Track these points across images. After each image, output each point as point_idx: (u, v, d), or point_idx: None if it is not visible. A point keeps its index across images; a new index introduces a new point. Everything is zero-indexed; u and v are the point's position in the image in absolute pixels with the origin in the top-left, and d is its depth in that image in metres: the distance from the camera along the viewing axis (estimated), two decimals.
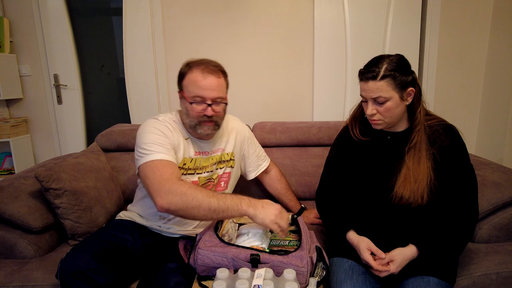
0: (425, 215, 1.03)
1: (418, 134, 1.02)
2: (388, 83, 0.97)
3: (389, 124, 1.05)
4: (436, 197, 1.02)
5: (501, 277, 1.06)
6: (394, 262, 0.96)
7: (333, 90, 2.49)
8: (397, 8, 2.37)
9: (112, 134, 1.75)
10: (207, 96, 1.12)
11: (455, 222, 0.99)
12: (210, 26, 2.40)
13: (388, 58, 0.99)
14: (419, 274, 0.98)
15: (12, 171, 2.49)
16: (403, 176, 1.02)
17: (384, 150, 1.10)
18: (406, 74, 0.99)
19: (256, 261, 0.95)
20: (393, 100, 0.99)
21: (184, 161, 1.19)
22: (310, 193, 1.70)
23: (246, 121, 1.52)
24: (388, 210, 1.05)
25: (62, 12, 2.48)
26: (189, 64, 1.16)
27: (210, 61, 1.17)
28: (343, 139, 1.19)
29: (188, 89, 1.14)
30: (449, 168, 1.02)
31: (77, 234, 1.28)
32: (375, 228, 1.06)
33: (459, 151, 1.04)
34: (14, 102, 2.58)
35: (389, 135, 1.10)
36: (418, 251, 0.97)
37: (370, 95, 0.99)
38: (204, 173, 1.25)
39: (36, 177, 1.22)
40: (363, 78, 1.00)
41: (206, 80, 1.11)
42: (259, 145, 1.52)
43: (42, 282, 1.09)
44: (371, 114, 1.02)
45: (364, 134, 1.13)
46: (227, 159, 1.32)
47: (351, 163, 1.14)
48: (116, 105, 2.81)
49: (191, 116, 1.15)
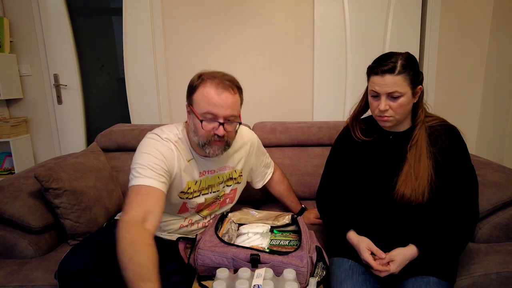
0: (426, 214, 1.03)
1: (419, 132, 1.03)
2: (405, 78, 0.97)
3: (398, 121, 1.05)
4: (437, 196, 1.02)
5: (501, 277, 1.06)
6: (394, 262, 0.96)
7: (333, 90, 2.49)
8: (397, 8, 2.37)
9: (112, 134, 1.75)
10: (220, 114, 1.01)
11: (456, 223, 0.99)
12: (210, 26, 2.40)
13: (401, 55, 1.00)
14: (419, 274, 0.98)
15: (12, 171, 2.49)
16: (404, 174, 1.03)
17: (386, 150, 1.09)
18: (418, 71, 1.01)
19: (256, 261, 0.95)
20: (406, 96, 0.99)
21: (188, 185, 1.12)
22: (310, 193, 1.70)
23: (246, 121, 1.51)
24: (389, 208, 1.05)
25: (62, 12, 2.48)
26: (201, 76, 1.05)
27: (225, 75, 1.06)
28: (344, 139, 1.19)
29: (199, 104, 1.03)
30: (450, 168, 1.02)
31: (77, 234, 1.28)
32: (376, 227, 1.06)
33: (460, 151, 1.03)
34: (14, 102, 2.58)
35: (391, 135, 1.10)
36: (418, 251, 0.97)
37: (386, 89, 0.98)
38: (210, 193, 1.20)
39: (36, 177, 1.22)
40: (379, 72, 0.99)
41: (220, 96, 1.01)
42: (266, 152, 1.45)
43: (42, 282, 1.09)
44: (384, 109, 1.00)
45: (366, 134, 1.13)
46: (235, 177, 1.26)
47: (353, 163, 1.13)
48: (116, 105, 2.81)
49: (200, 135, 1.05)
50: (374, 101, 1.04)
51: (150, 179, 0.98)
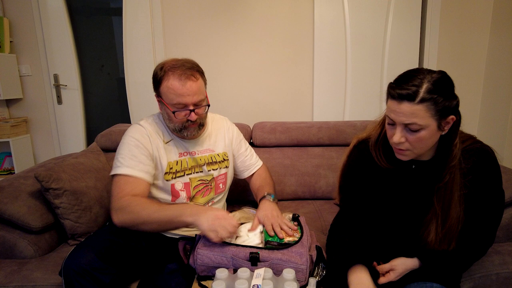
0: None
1: (451, 172, 0.85)
2: (428, 108, 0.77)
3: (417, 155, 0.88)
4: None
5: (502, 278, 1.06)
6: (395, 271, 0.92)
7: (333, 90, 2.49)
8: (397, 8, 2.37)
9: (112, 134, 1.75)
10: (189, 102, 1.10)
11: (469, 247, 0.91)
12: (210, 26, 2.40)
13: (430, 75, 0.79)
14: (421, 280, 0.94)
15: (12, 171, 2.49)
16: (428, 221, 0.89)
17: (408, 182, 0.94)
18: (450, 98, 0.79)
19: (255, 259, 0.95)
20: (429, 129, 0.80)
21: (169, 165, 1.18)
22: (310, 193, 1.70)
23: (246, 121, 1.52)
24: (405, 248, 0.95)
25: (62, 12, 2.48)
26: (163, 68, 1.11)
27: (186, 62, 1.12)
28: (359, 163, 1.00)
29: (168, 96, 1.10)
30: (477, 194, 0.88)
31: (77, 234, 1.28)
32: (382, 250, 0.99)
33: (491, 178, 0.88)
34: (14, 102, 2.58)
35: (414, 164, 0.93)
36: (421, 264, 0.92)
37: (402, 119, 0.79)
38: (193, 174, 1.23)
39: (36, 177, 1.22)
40: (396, 96, 0.79)
41: (185, 86, 1.08)
42: (249, 145, 1.46)
43: (42, 282, 1.09)
44: (399, 142, 0.83)
45: (388, 160, 0.94)
46: (219, 160, 1.30)
47: (370, 192, 0.98)
48: (116, 105, 2.81)
49: (175, 122, 1.14)
50: (389, 129, 0.86)
51: (129, 169, 1.09)
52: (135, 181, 1.09)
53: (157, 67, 1.13)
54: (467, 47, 2.40)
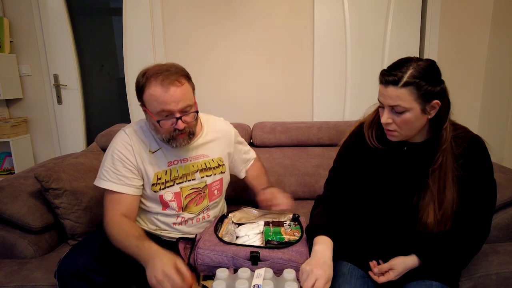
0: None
1: (444, 155, 0.91)
2: (410, 92, 0.85)
3: (406, 137, 0.95)
4: (456, 217, 0.94)
5: (502, 278, 1.06)
6: (395, 270, 0.93)
7: (333, 90, 2.49)
8: (397, 8, 2.37)
9: (112, 134, 1.74)
10: (174, 109, 1.01)
11: (464, 237, 0.93)
12: (210, 26, 2.40)
13: (416, 63, 0.87)
14: (421, 278, 0.94)
15: (12, 171, 2.49)
16: (426, 204, 0.93)
17: (401, 163, 0.98)
18: (434, 84, 0.87)
19: (256, 258, 0.95)
20: (413, 111, 0.87)
21: (157, 176, 1.12)
22: (310, 193, 1.70)
23: (246, 121, 1.51)
24: (401, 230, 0.98)
25: (62, 12, 2.48)
26: (145, 74, 1.04)
27: (170, 67, 1.04)
28: (355, 142, 1.06)
29: (151, 104, 1.02)
30: (470, 181, 0.93)
31: (77, 234, 1.28)
32: (379, 239, 1.01)
33: (482, 164, 0.94)
34: (14, 102, 2.58)
35: (406, 146, 0.99)
36: (420, 261, 0.93)
37: (388, 102, 0.89)
38: (185, 182, 1.16)
39: (36, 177, 1.22)
40: (383, 81, 0.90)
41: (168, 92, 0.99)
42: (244, 141, 1.42)
43: (42, 282, 1.09)
44: (386, 122, 0.92)
45: (380, 141, 1.01)
46: (213, 166, 1.22)
47: (364, 171, 1.03)
48: (116, 105, 2.81)
49: (161, 133, 1.06)
50: (380, 112, 0.95)
51: (114, 184, 1.07)
52: (120, 198, 1.07)
53: (139, 74, 1.07)
54: (467, 47, 2.40)
